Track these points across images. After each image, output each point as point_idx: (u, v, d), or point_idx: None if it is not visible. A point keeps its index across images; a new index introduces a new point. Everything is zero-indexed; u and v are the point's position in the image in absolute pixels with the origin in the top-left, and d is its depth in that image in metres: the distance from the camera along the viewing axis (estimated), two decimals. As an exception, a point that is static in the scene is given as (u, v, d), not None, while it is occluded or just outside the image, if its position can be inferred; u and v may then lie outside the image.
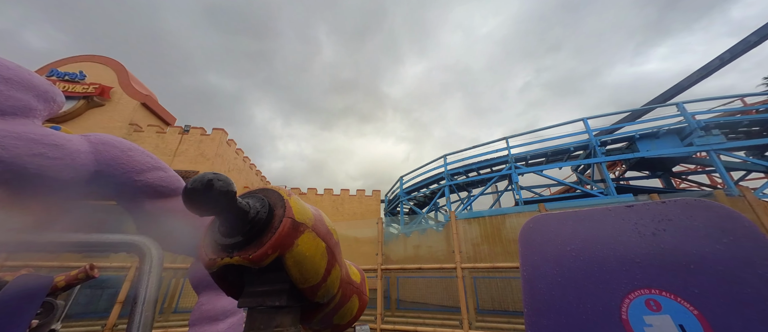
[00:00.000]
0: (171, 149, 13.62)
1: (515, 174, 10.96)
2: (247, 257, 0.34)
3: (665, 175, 11.52)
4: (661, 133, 9.82)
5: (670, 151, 9.37)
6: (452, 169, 13.19)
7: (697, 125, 9.16)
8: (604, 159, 10.03)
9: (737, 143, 8.68)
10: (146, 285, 0.48)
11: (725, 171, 8.51)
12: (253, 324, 0.36)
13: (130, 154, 0.91)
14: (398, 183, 16.34)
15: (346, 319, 0.55)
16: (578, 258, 0.45)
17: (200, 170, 13.05)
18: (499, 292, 7.16)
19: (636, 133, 10.11)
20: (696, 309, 0.36)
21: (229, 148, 15.21)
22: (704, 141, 8.90)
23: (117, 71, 15.44)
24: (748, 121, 9.09)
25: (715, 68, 11.52)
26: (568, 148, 10.90)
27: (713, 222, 0.40)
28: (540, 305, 0.45)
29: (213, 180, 0.29)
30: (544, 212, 0.56)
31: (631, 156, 9.85)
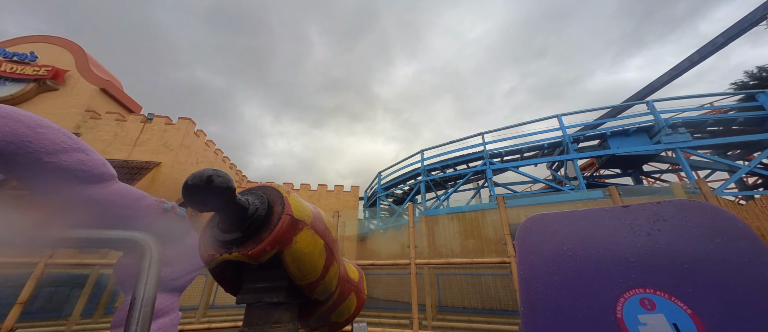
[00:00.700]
0: (131, 138, 12.74)
1: (489, 170, 10.82)
2: (245, 253, 0.34)
3: (635, 173, 11.67)
4: (631, 131, 9.87)
5: (638, 149, 9.41)
6: (429, 165, 12.95)
7: (665, 123, 9.23)
8: (576, 156, 10.01)
9: (702, 142, 8.78)
10: (145, 282, 0.45)
11: (690, 169, 8.60)
12: (251, 320, 0.36)
13: (39, 132, 0.81)
14: (377, 179, 16.01)
15: (344, 317, 0.54)
16: (574, 257, 0.46)
17: (162, 161, 12.28)
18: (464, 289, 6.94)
19: (607, 131, 10.14)
20: (689, 308, 0.37)
21: (197, 138, 14.42)
22: (671, 139, 8.97)
23: (74, 53, 14.31)
24: (712, 120, 9.23)
25: (685, 69, 11.73)
26: (542, 145, 10.84)
27: (707, 222, 0.41)
28: (536, 303, 0.45)
29: (212, 176, 0.29)
30: (536, 213, 0.55)
31: (601, 153, 9.86)
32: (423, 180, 12.57)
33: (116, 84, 15.68)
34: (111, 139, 12.59)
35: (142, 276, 0.46)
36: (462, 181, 11.81)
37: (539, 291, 0.46)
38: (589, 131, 10.39)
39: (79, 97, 13.35)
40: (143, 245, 0.50)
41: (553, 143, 10.68)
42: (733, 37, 9.94)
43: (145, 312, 0.43)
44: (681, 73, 11.77)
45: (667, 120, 9.30)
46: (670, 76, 12.10)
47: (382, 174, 15.83)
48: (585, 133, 10.37)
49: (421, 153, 13.27)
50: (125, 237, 0.51)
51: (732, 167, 8.62)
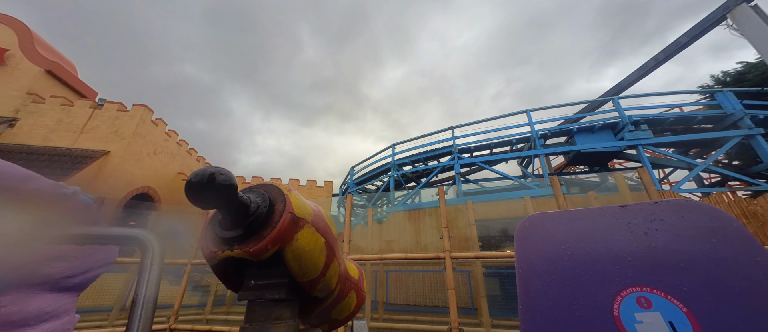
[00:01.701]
0: (78, 124, 11.73)
1: (457, 165, 10.57)
2: (247, 250, 0.34)
3: (602, 170, 11.71)
4: (597, 128, 9.83)
5: (602, 145, 9.37)
6: (400, 159, 12.60)
7: (628, 120, 9.22)
8: (543, 151, 9.89)
9: (661, 139, 8.81)
10: (147, 280, 0.45)
11: (650, 166, 8.60)
12: (252, 317, 0.37)
13: None
14: (349, 174, 15.55)
15: (344, 314, 0.55)
16: (572, 256, 0.47)
17: (111, 150, 11.37)
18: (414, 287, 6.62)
19: (574, 127, 10.07)
20: (685, 307, 0.37)
21: (155, 128, 13.50)
22: (633, 136, 8.96)
23: (18, 32, 13.09)
24: (673, 118, 9.29)
25: (651, 68, 11.86)
26: (511, 140, 10.69)
27: (703, 222, 0.42)
28: (534, 302, 0.46)
29: (215, 174, 0.28)
30: (536, 213, 0.55)
31: (566, 149, 9.77)
32: (393, 175, 12.21)
33: (67, 67, 14.51)
34: (54, 125, 11.55)
35: (144, 274, 0.46)
36: (430, 176, 11.52)
37: (537, 290, 0.46)
38: (558, 127, 10.29)
39: (20, 79, 12.20)
40: (145, 242, 0.49)
41: (522, 139, 10.54)
42: (696, 36, 10.05)
43: (147, 310, 0.43)
44: (648, 72, 11.88)
45: (631, 117, 9.30)
46: (638, 75, 12.21)
47: (354, 168, 15.39)
48: (552, 129, 10.27)
49: (393, 147, 12.91)
50: (126, 235, 0.49)
51: (690, 164, 8.68)
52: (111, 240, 0.51)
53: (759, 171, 8.08)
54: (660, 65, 11.75)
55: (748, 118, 8.22)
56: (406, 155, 12.51)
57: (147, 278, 0.46)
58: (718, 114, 8.81)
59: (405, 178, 12.83)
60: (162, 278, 0.47)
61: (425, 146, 12.03)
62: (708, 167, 8.32)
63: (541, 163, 9.61)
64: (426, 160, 12.06)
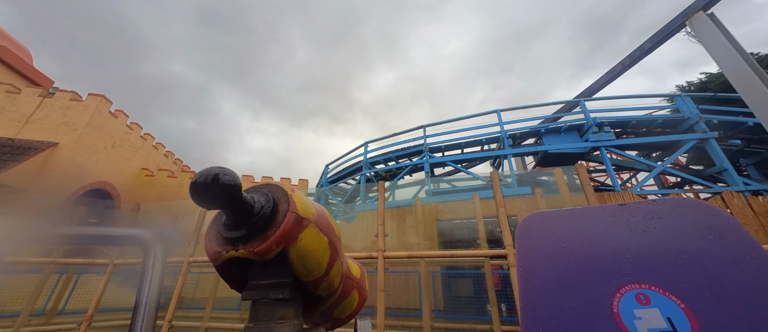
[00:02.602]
0: (23, 113, 10.85)
1: (427, 164, 10.45)
2: (251, 250, 0.35)
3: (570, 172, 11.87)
4: (564, 129, 9.93)
5: (568, 146, 9.45)
6: (372, 158, 12.37)
7: (593, 122, 9.35)
8: (511, 151, 9.90)
9: (623, 141, 8.96)
10: (149, 280, 0.46)
11: (611, 167, 8.73)
12: (257, 316, 0.37)
13: None
14: (324, 172, 15.19)
15: (346, 313, 0.55)
16: (572, 254, 0.47)
17: (60, 141, 10.58)
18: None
19: (542, 128, 10.13)
20: (683, 303, 0.38)
21: (113, 119, 12.70)
22: (597, 137, 9.08)
23: (-40, 12, 12.04)
24: (635, 121, 9.49)
25: (619, 72, 12.13)
26: (481, 140, 10.65)
27: (700, 220, 0.42)
28: (535, 299, 0.46)
29: (219, 174, 0.29)
30: (536, 212, 0.57)
31: (534, 149, 9.81)
32: (364, 172, 11.96)
33: (19, 53, 13.49)
34: (-4, 114, 10.65)
35: (147, 274, 0.45)
36: (401, 175, 11.34)
37: (538, 288, 0.47)
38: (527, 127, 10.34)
39: (-41, 62, 11.21)
40: (147, 243, 0.48)
41: (491, 138, 10.53)
42: (658, 42, 10.32)
43: (150, 310, 0.42)
44: (616, 76, 12.16)
45: (595, 119, 9.43)
46: (606, 79, 12.47)
47: (329, 166, 15.05)
48: (521, 130, 10.31)
49: (365, 145, 12.67)
50: (128, 235, 0.49)
51: (650, 166, 8.87)
52: (113, 240, 0.50)
53: (711, 174, 8.33)
54: (626, 69, 12.06)
55: (703, 122, 8.47)
56: (379, 153, 12.30)
57: (149, 278, 0.46)
58: (677, 118, 9.06)
59: (378, 177, 12.60)
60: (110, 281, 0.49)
61: (398, 144, 11.86)
62: (666, 169, 8.51)
63: (509, 163, 9.61)
64: (398, 158, 11.88)
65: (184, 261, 4.65)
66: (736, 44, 8.43)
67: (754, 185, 7.56)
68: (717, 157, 8.00)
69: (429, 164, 10.45)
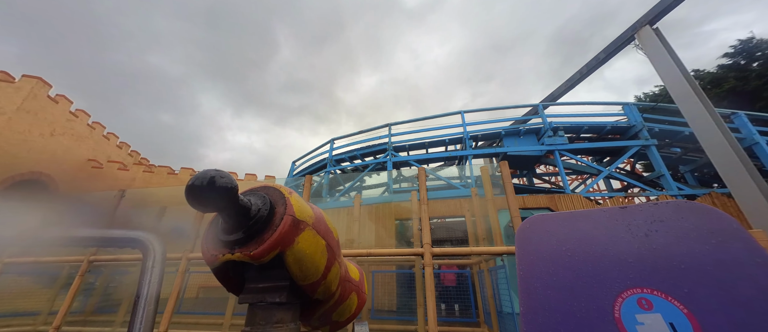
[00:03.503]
0: (-62, 94, 9.64)
1: (390, 163, 10.38)
2: (248, 253, 0.34)
3: (529, 175, 12.28)
4: (523, 132, 10.21)
5: (525, 148, 9.72)
6: (338, 155, 12.14)
7: (549, 126, 9.67)
8: (472, 152, 10.04)
9: (575, 145, 9.33)
10: (148, 281, 0.46)
11: (563, 170, 9.07)
12: (253, 320, 0.37)
13: None
14: (290, 169, 14.76)
15: (345, 316, 0.55)
16: (573, 257, 0.47)
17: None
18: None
19: (502, 130, 10.36)
20: (686, 308, 0.37)
21: (53, 105, 11.60)
22: (551, 141, 9.40)
23: None
24: (587, 127, 9.92)
25: (577, 81, 12.64)
26: (444, 140, 10.74)
27: (702, 223, 0.42)
28: (535, 303, 0.46)
29: (215, 177, 0.28)
30: (539, 214, 0.56)
31: (493, 151, 10.01)
32: (328, 169, 11.72)
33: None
34: None
35: (146, 275, 0.46)
36: (364, 172, 11.20)
37: (538, 291, 0.46)
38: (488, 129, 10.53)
39: None
40: (146, 244, 0.49)
41: (454, 139, 10.63)
42: (611, 53, 10.84)
43: (149, 311, 0.43)
44: (574, 84, 12.65)
45: (551, 123, 9.76)
46: (566, 87, 12.94)
47: (296, 163, 14.65)
48: (483, 131, 10.49)
49: (331, 142, 12.42)
50: (128, 237, 0.50)
51: (598, 170, 9.30)
52: (112, 242, 0.51)
53: (652, 179, 8.86)
54: (584, 78, 12.60)
55: (646, 130, 8.99)
56: (345, 150, 12.10)
57: (148, 279, 0.46)
58: (624, 125, 9.56)
59: (344, 174, 12.40)
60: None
61: (364, 142, 11.72)
62: (612, 173, 8.95)
63: (469, 164, 9.73)
64: (363, 156, 11.74)
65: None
66: (677, 59, 9.02)
67: (686, 190, 8.11)
68: (656, 162, 8.52)
69: (392, 163, 10.39)
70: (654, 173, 8.65)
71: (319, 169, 13.16)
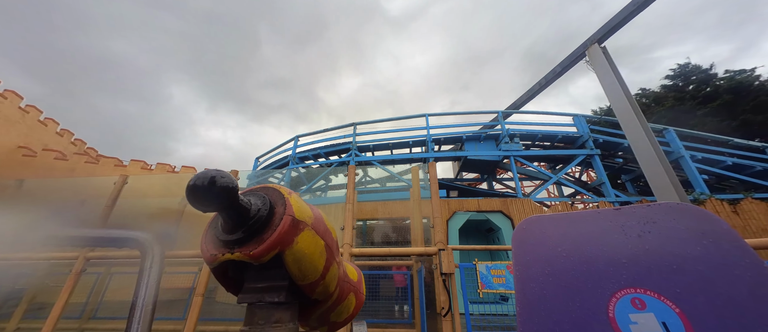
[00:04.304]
0: None
1: (353, 162, 10.30)
2: (247, 253, 0.35)
3: (489, 179, 12.76)
4: (483, 138, 10.57)
5: (484, 153, 10.07)
6: (301, 153, 11.86)
7: (506, 133, 10.10)
8: (433, 154, 10.22)
9: (527, 152, 9.81)
10: (147, 282, 0.46)
11: (517, 175, 9.50)
12: (252, 320, 0.37)
13: None
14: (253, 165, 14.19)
15: (343, 317, 0.55)
16: (568, 258, 0.47)
17: None
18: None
19: (464, 135, 10.66)
20: (678, 308, 0.38)
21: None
22: (507, 147, 9.81)
23: None
24: (541, 134, 10.49)
25: (536, 91, 13.35)
26: (408, 142, 10.85)
27: (694, 225, 0.43)
28: (531, 303, 0.46)
29: (216, 177, 0.29)
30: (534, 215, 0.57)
31: (454, 154, 10.27)
32: (291, 167, 11.40)
33: None
34: None
35: (144, 276, 0.46)
36: (325, 172, 11.03)
37: (534, 292, 0.47)
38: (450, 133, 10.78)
39: None
40: (144, 244, 0.49)
41: (418, 141, 10.78)
42: (566, 67, 11.54)
43: (146, 312, 0.43)
44: (534, 94, 13.38)
45: (508, 130, 10.20)
46: (527, 97, 13.65)
47: (259, 159, 14.11)
48: (445, 135, 10.72)
49: (296, 139, 12.11)
50: (126, 237, 0.50)
51: (548, 176, 9.85)
52: (110, 242, 0.50)
53: (595, 187, 9.53)
54: (543, 89, 13.32)
55: (591, 140, 9.67)
56: (309, 148, 11.84)
57: (146, 280, 0.45)
58: (573, 135, 10.21)
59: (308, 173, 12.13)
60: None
61: (329, 140, 11.55)
62: (560, 180, 9.51)
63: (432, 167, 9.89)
64: (327, 154, 11.56)
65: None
66: (619, 77, 9.81)
67: (623, 197, 8.81)
68: (598, 171, 9.18)
69: (355, 162, 10.31)
70: (597, 181, 9.31)
71: (283, 166, 12.77)
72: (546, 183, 9.40)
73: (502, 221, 8.37)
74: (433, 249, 2.73)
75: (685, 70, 19.01)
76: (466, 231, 9.09)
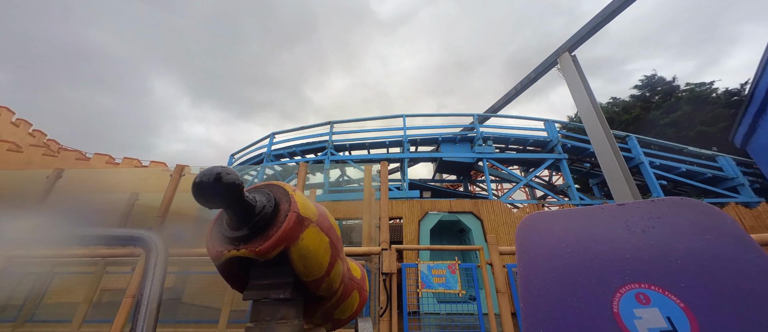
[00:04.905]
0: None
1: (328, 161, 10.21)
2: (253, 250, 0.35)
3: (465, 180, 12.99)
4: (458, 140, 10.74)
5: (459, 155, 10.24)
6: (276, 150, 11.62)
7: (480, 135, 10.30)
8: (409, 155, 10.29)
9: (500, 155, 10.05)
10: (151, 280, 0.46)
11: (489, 177, 9.72)
12: (258, 316, 0.38)
13: None
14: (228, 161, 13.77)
15: (347, 314, 0.56)
16: (572, 254, 0.47)
17: None
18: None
19: (440, 136, 10.79)
20: (682, 302, 0.38)
21: None
22: (481, 149, 10.02)
23: None
24: (514, 138, 10.78)
25: (512, 96, 13.72)
26: (384, 142, 10.87)
27: (698, 219, 0.43)
28: (535, 299, 0.46)
29: (221, 173, 0.29)
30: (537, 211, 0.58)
31: (429, 155, 10.37)
32: (265, 165, 11.15)
33: None
34: None
35: (148, 275, 0.46)
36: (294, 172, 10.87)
37: (538, 288, 0.47)
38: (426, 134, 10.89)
39: None
40: (149, 243, 0.49)
41: (395, 142, 10.82)
42: (540, 73, 11.92)
43: (152, 310, 0.43)
44: (510, 99, 13.65)
45: (483, 133, 10.41)
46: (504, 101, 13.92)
47: (234, 156, 13.72)
48: (421, 136, 10.82)
49: (271, 136, 11.86)
50: (130, 236, 0.49)
51: (519, 179, 10.13)
52: (115, 241, 0.50)
53: (562, 190, 9.90)
54: (519, 94, 13.66)
55: (560, 145, 10.03)
56: (284, 146, 11.63)
57: (151, 278, 0.45)
58: (543, 139, 10.57)
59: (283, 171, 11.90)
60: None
61: (305, 138, 11.38)
62: (530, 182, 9.81)
63: (404, 167, 9.95)
64: (303, 153, 11.39)
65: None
66: (587, 85, 10.23)
67: (587, 200, 9.19)
68: (566, 175, 9.54)
69: (330, 161, 10.23)
70: (563, 184, 9.67)
71: (258, 164, 12.48)
72: (516, 185, 9.67)
73: (472, 222, 8.53)
74: (377, 249, 2.73)
75: (651, 82, 20.11)
76: (439, 232, 9.20)
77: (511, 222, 8.28)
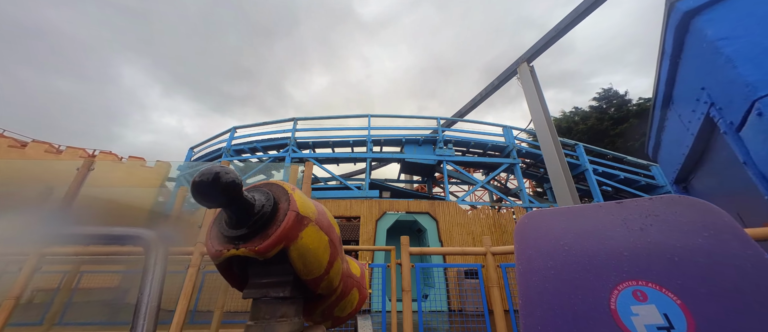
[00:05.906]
0: None
1: (289, 158, 10.04)
2: (252, 249, 0.35)
3: (429, 181, 13.31)
4: (421, 141, 10.97)
5: (421, 157, 10.46)
6: (237, 145, 11.25)
7: (442, 138, 10.60)
8: (371, 155, 10.36)
9: (458, 158, 10.40)
10: (151, 279, 0.46)
11: (447, 179, 10.03)
12: (257, 315, 0.38)
13: None
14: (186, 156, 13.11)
15: (347, 312, 0.57)
16: (570, 252, 0.47)
17: None
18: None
19: (403, 137, 10.96)
20: (679, 299, 0.39)
21: None
22: (441, 152, 10.31)
23: None
24: (473, 142, 11.20)
25: (477, 102, 14.27)
26: (348, 141, 10.87)
27: (695, 217, 0.43)
28: (534, 297, 0.46)
29: (220, 173, 0.30)
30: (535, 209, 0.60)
31: (391, 156, 10.51)
32: (225, 159, 10.75)
33: None
34: None
35: (148, 274, 0.46)
36: (259, 166, 10.62)
37: (536, 285, 0.47)
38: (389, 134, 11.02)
39: None
40: (149, 242, 0.49)
41: (358, 141, 10.85)
42: (502, 81, 12.51)
43: (152, 309, 0.44)
44: (476, 105, 14.22)
45: (444, 135, 10.71)
46: (469, 107, 14.47)
47: (194, 150, 13.09)
48: (386, 137, 10.93)
49: (232, 130, 11.45)
50: (130, 234, 0.49)
51: (475, 182, 10.55)
52: (114, 239, 0.50)
53: (515, 193, 10.42)
54: (483, 100, 14.27)
55: (515, 150, 10.56)
56: (245, 141, 11.28)
57: (151, 278, 0.46)
58: (501, 144, 11.07)
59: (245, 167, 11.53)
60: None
61: (267, 134, 11.10)
62: (485, 185, 10.24)
63: (367, 166, 10.02)
64: (265, 149, 11.12)
65: None
66: (541, 94, 10.85)
67: (535, 204, 9.74)
68: (518, 178, 10.06)
69: (291, 159, 10.06)
70: (516, 188, 10.20)
71: (217, 158, 12.00)
72: (472, 187, 10.06)
73: (428, 222, 8.77)
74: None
75: (608, 94, 21.67)
76: (396, 231, 9.37)
77: (465, 223, 8.60)
